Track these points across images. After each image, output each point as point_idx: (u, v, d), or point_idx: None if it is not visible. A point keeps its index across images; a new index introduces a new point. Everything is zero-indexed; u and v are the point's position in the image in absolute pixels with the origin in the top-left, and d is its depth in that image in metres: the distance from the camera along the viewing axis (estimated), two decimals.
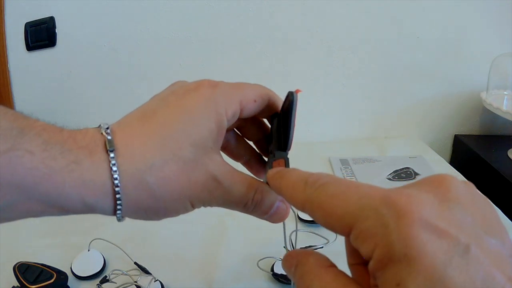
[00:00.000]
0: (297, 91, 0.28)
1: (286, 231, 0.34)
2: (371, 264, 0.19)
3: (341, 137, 0.96)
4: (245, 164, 0.35)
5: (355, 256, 0.22)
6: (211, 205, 0.29)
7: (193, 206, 0.28)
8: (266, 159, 0.35)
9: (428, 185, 0.20)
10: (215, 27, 0.87)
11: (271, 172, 0.27)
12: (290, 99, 0.28)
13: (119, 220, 0.27)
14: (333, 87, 0.92)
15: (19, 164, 0.22)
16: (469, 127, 0.97)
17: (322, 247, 0.51)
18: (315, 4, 0.85)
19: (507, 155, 0.82)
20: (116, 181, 0.24)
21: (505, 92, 0.86)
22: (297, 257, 0.23)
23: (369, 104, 0.94)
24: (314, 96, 0.92)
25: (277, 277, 0.48)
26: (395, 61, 0.90)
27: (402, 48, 0.89)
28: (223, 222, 0.60)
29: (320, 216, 0.21)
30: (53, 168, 0.23)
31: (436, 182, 0.20)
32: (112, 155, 0.24)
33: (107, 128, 0.26)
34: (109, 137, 0.25)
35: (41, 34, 0.87)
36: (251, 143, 0.35)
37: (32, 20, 0.87)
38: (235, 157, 0.35)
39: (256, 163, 0.35)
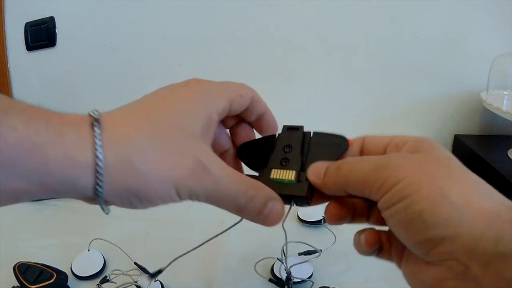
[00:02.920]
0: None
1: (285, 236, 0.34)
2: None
3: None
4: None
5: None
6: (198, 197, 0.28)
7: (179, 194, 0.27)
8: None
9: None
10: (215, 27, 0.87)
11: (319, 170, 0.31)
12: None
13: (99, 197, 0.25)
14: (333, 87, 0.92)
15: (2, 141, 0.22)
16: (469, 127, 0.96)
17: (321, 250, 0.51)
18: (315, 4, 0.85)
19: (507, 155, 0.82)
20: (99, 155, 0.24)
21: (505, 92, 0.86)
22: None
23: (369, 104, 0.94)
24: (314, 96, 0.92)
25: (274, 280, 0.48)
26: (395, 61, 0.90)
27: (402, 48, 0.89)
28: (223, 223, 0.60)
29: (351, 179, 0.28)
30: (37, 143, 0.23)
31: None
32: (97, 130, 0.25)
33: (96, 111, 0.26)
34: (96, 117, 0.26)
35: (41, 34, 0.87)
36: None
37: (32, 20, 0.87)
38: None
39: None
